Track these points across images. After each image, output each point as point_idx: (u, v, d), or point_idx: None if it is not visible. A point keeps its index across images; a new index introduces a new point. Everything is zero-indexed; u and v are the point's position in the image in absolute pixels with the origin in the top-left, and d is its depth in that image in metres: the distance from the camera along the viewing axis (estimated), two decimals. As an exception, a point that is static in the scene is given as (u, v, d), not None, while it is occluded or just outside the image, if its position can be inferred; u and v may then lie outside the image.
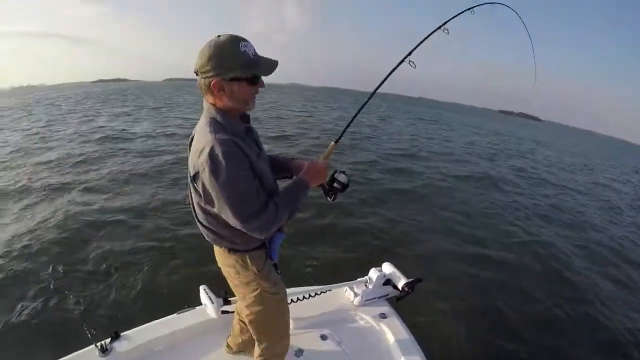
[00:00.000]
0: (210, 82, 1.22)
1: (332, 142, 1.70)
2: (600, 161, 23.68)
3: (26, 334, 3.06)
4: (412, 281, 2.35)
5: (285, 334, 1.74)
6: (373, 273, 2.46)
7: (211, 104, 1.31)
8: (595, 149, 38.75)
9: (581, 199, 9.93)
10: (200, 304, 2.15)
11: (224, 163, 1.16)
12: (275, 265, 1.59)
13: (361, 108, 1.85)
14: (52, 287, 3.63)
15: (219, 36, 1.21)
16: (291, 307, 1.91)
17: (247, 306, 1.59)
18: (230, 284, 1.61)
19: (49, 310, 3.34)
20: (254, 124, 1.48)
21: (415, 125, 25.13)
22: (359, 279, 2.54)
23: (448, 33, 1.87)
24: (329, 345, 2.13)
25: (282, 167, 1.64)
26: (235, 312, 1.99)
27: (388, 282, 2.47)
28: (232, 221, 1.25)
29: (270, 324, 1.65)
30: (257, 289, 1.52)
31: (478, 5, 2.18)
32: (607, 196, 10.97)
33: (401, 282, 2.38)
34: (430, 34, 1.86)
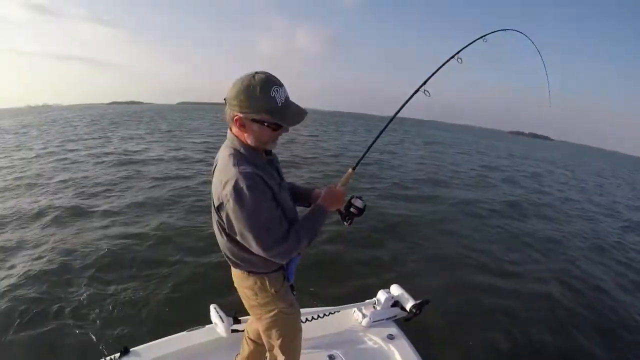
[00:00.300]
0: (234, 116, 1.27)
1: (350, 169, 1.72)
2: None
3: (38, 348, 3.14)
4: (420, 303, 2.36)
5: (297, 353, 1.75)
6: (381, 295, 2.46)
7: (235, 135, 1.34)
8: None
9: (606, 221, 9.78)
10: (210, 322, 2.16)
11: (248, 196, 1.20)
12: (291, 286, 1.62)
13: (378, 136, 1.88)
14: (65, 303, 3.71)
15: (257, 73, 1.23)
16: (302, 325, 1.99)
17: (263, 326, 1.61)
18: (247, 305, 1.62)
19: (62, 325, 3.41)
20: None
21: (427, 148, 25.22)
22: (367, 301, 2.55)
23: (461, 62, 1.91)
24: None
25: (303, 196, 1.70)
26: (245, 332, 1.99)
27: (396, 303, 2.47)
28: (255, 249, 1.29)
29: (286, 344, 1.65)
30: (274, 309, 1.55)
31: (491, 33, 2.21)
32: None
33: (409, 303, 2.39)
34: (444, 64, 1.90)
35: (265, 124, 1.26)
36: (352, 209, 1.69)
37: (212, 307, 2.17)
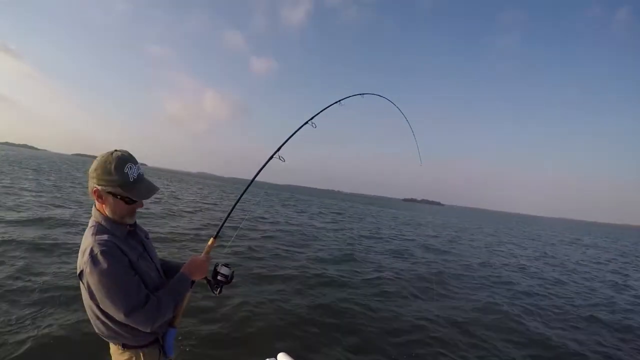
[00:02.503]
0: (92, 189, 1.40)
1: (212, 238, 1.80)
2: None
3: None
4: None
5: None
6: None
7: (98, 209, 1.45)
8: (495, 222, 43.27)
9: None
10: None
11: (102, 261, 1.28)
12: None
13: (235, 205, 1.91)
14: None
15: (116, 150, 1.40)
16: None
17: None
18: None
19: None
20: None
21: (326, 216, 26.00)
22: None
23: (315, 127, 2.00)
24: None
25: (174, 270, 1.71)
26: None
27: None
28: (117, 315, 1.33)
29: None
30: None
31: (346, 98, 2.38)
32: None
33: None
34: (297, 130, 1.99)
35: (118, 196, 1.39)
36: (219, 277, 1.73)
37: None
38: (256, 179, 1.94)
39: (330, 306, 6.06)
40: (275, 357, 2.50)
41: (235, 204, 1.89)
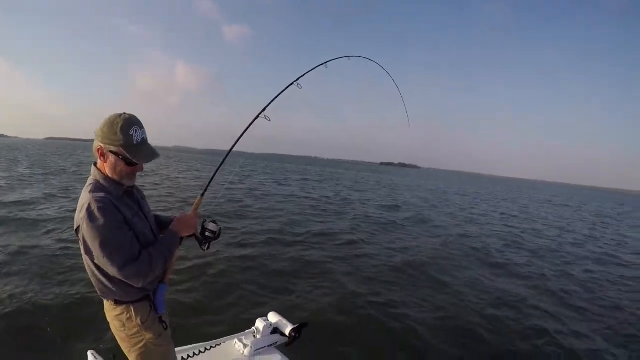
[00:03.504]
0: (97, 146, 1.44)
1: (199, 196, 1.84)
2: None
3: None
4: (298, 326, 2.47)
5: None
6: (260, 323, 2.49)
7: (98, 168, 1.49)
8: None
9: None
10: None
11: (98, 216, 1.33)
12: (161, 319, 1.62)
13: (221, 164, 1.93)
14: None
15: (124, 113, 1.43)
16: None
17: (133, 359, 1.62)
18: (117, 338, 1.62)
19: None
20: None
21: (305, 182, 26.27)
22: (247, 331, 2.56)
23: (301, 87, 1.99)
24: None
25: (165, 225, 1.76)
26: None
27: (275, 330, 2.52)
28: (110, 269, 1.37)
29: None
30: (141, 340, 1.57)
31: (331, 60, 2.37)
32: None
33: (288, 328, 2.47)
34: (284, 90, 1.98)
35: (120, 157, 1.42)
36: (207, 233, 1.76)
37: (89, 353, 2.05)
38: (234, 148, 1.93)
39: (313, 264, 6.37)
40: (267, 317, 2.57)
41: (221, 163, 1.91)
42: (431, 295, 5.51)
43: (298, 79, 2.00)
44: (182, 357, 2.20)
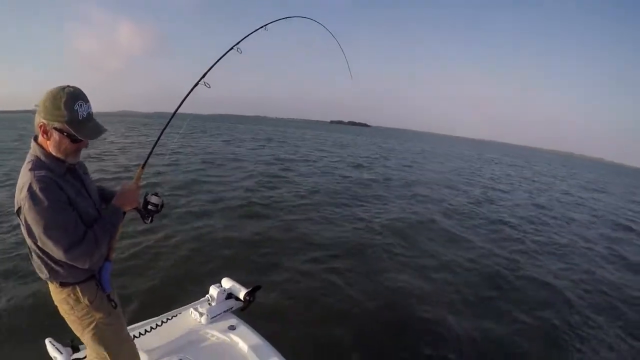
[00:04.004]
0: (39, 122, 1.36)
1: (140, 167, 1.77)
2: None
3: None
4: (252, 290, 2.52)
5: None
6: (213, 290, 2.52)
7: (39, 144, 1.41)
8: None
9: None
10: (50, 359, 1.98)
11: (41, 197, 1.28)
12: (109, 297, 1.62)
13: (161, 134, 1.87)
14: None
15: (68, 86, 1.36)
16: (141, 340, 2.11)
17: (87, 341, 1.63)
18: (68, 322, 1.61)
19: None
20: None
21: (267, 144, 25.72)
22: (201, 299, 2.57)
23: (241, 52, 1.97)
24: None
25: (109, 198, 1.72)
26: (88, 358, 1.89)
27: (230, 295, 2.57)
28: (55, 252, 1.34)
29: (114, 356, 1.66)
30: (92, 321, 1.57)
31: (271, 22, 2.32)
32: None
33: (242, 293, 2.53)
34: (223, 55, 1.94)
35: (65, 133, 1.36)
36: (149, 206, 1.76)
37: (47, 341, 1.98)
38: (180, 110, 1.88)
39: (266, 231, 6.46)
40: (220, 283, 2.62)
41: (161, 133, 1.86)
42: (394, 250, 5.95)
43: (237, 43, 1.96)
44: (140, 332, 2.21)
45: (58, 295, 1.54)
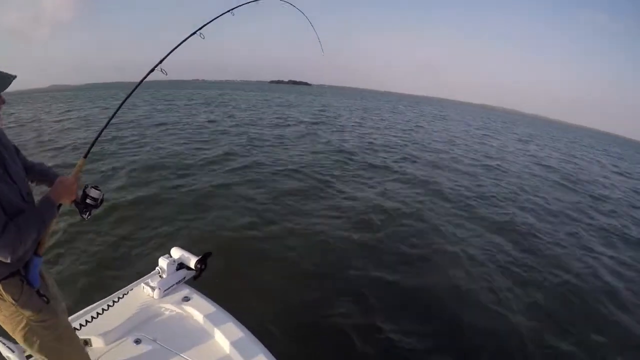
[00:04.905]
0: None
1: (81, 158, 1.65)
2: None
3: None
4: (202, 257, 2.46)
5: (76, 358, 1.66)
6: (163, 261, 2.44)
7: None
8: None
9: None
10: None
11: None
12: (39, 292, 1.47)
13: (109, 121, 1.76)
14: None
15: None
16: (93, 324, 2.05)
17: (21, 341, 1.48)
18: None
19: None
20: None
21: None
22: (151, 272, 2.51)
23: (204, 38, 1.81)
24: (145, 347, 2.07)
25: (48, 181, 1.64)
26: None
27: (181, 265, 2.50)
28: None
29: (54, 355, 1.54)
30: (22, 320, 1.43)
31: (239, 6, 2.24)
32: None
33: (192, 261, 2.45)
34: (183, 41, 1.78)
35: None
36: (88, 200, 1.63)
37: None
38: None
39: (206, 194, 6.50)
40: (169, 254, 2.54)
41: (106, 124, 1.73)
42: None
43: (201, 28, 1.80)
44: (92, 315, 2.14)
45: None
